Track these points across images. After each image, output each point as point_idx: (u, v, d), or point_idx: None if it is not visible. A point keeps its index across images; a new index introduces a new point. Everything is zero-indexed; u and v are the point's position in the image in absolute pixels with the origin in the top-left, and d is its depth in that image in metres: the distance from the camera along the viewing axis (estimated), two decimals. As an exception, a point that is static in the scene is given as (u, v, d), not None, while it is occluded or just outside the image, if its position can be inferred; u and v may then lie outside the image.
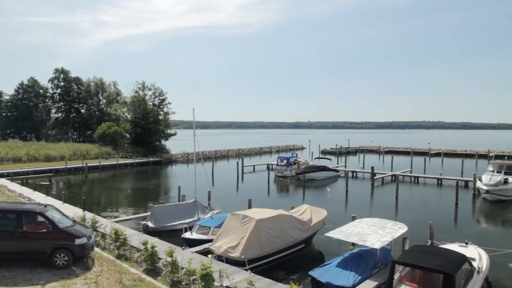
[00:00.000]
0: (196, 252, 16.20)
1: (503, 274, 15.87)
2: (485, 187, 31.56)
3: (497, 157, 57.64)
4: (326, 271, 13.76)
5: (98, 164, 55.31)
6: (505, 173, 32.75)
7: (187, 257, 13.50)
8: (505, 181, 31.52)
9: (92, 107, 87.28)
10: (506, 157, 56.36)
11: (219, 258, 15.30)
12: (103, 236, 17.19)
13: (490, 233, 23.58)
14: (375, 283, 13.14)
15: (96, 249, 15.80)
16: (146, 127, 70.85)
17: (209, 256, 14.53)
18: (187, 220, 21.74)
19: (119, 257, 15.51)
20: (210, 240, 17.42)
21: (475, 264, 13.12)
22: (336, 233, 15.57)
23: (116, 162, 58.04)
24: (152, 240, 16.05)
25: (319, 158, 58.76)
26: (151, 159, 64.47)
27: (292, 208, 21.21)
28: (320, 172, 45.40)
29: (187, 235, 18.86)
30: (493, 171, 33.93)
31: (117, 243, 15.96)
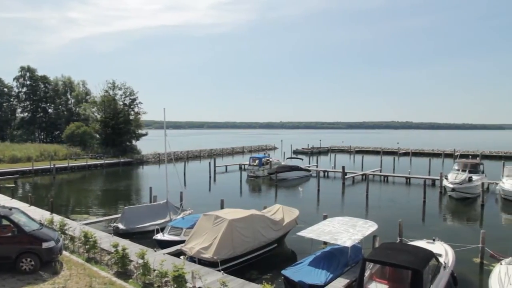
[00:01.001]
0: (168, 253, 16.08)
1: (468, 269, 16.41)
2: (451, 185, 32.54)
3: (462, 156, 59.74)
4: (299, 270, 13.90)
5: (67, 165, 53.90)
6: (470, 172, 33.85)
7: (159, 259, 13.35)
8: (470, 179, 32.58)
9: (60, 106, 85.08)
10: (470, 156, 58.38)
11: (192, 259, 15.20)
12: (72, 239, 16.80)
13: (456, 230, 24.36)
14: (347, 281, 13.37)
15: (64, 252, 15.43)
16: (117, 127, 69.67)
17: (182, 257, 14.44)
18: (158, 221, 21.52)
19: (88, 260, 15.19)
20: (182, 241, 17.29)
21: (441, 259, 13.53)
22: (308, 232, 15.76)
23: (85, 163, 56.69)
24: (123, 242, 15.80)
25: (291, 158, 59.24)
26: (122, 160, 63.34)
27: (265, 208, 21.29)
28: (292, 172, 45.73)
29: (159, 236, 18.65)
30: (458, 170, 34.98)
31: (86, 246, 15.62)
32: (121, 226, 21.11)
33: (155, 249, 16.72)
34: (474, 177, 33.23)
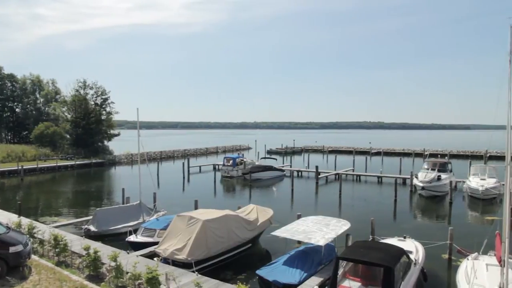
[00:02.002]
0: (142, 255, 15.88)
1: (437, 265, 16.90)
2: (420, 184, 33.39)
3: (431, 155, 61.22)
4: (273, 270, 13.98)
5: (36, 166, 52.45)
6: (438, 170, 34.82)
7: (132, 261, 13.16)
8: (439, 178, 33.53)
9: (28, 106, 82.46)
10: (439, 156, 60.13)
11: (166, 260, 15.07)
12: (41, 242, 16.34)
13: (426, 227, 24.98)
14: (321, 279, 13.52)
15: (33, 256, 15.01)
16: (88, 127, 68.29)
17: (155, 259, 14.27)
18: (131, 223, 21.23)
19: (59, 264, 14.81)
20: (155, 243, 17.13)
21: (412, 256, 13.88)
22: (282, 232, 15.88)
23: (55, 164, 55.30)
24: (95, 245, 15.52)
25: (265, 158, 59.46)
26: (93, 161, 62.08)
27: (239, 208, 21.32)
28: (266, 172, 45.92)
29: (132, 238, 18.41)
30: (427, 169, 35.87)
31: (56, 250, 15.23)
32: (92, 228, 20.72)
33: (128, 251, 16.46)
34: (443, 175, 34.20)
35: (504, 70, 11.20)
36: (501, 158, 64.88)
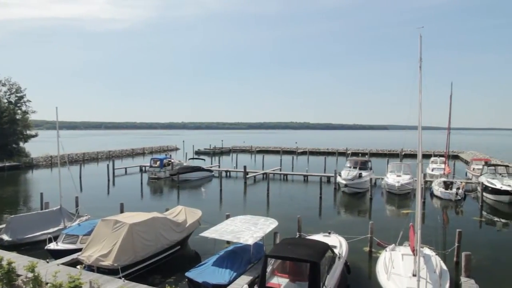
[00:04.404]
0: (63, 264, 15.07)
1: (359, 257, 17.88)
2: (343, 182, 35.08)
3: (353, 154, 64.81)
4: (202, 271, 13.96)
5: None
6: (360, 169, 36.85)
7: (52, 271, 12.38)
8: (360, 176, 35.47)
9: None
10: (360, 154, 63.71)
11: (90, 268, 14.43)
12: None
13: (349, 222, 26.30)
14: (250, 278, 13.73)
15: None
16: (0, 128, 63.06)
17: (78, 267, 13.59)
18: (51, 230, 20.07)
19: (-34, 278, 13.55)
20: (78, 250, 16.34)
21: (336, 251, 14.58)
22: (211, 233, 15.91)
23: (-40, 169, 50.44)
24: (9, 255, 14.39)
25: (193, 158, 58.92)
26: (7, 164, 57.41)
27: (167, 210, 21.03)
28: (195, 173, 45.57)
29: (52, 246, 17.37)
30: (350, 167, 37.83)
31: (-38, 263, 13.90)
32: (6, 237, 19.29)
33: (47, 260, 15.51)
34: (364, 173, 36.24)
35: (415, 75, 12.19)
36: (414, 156, 70.06)
